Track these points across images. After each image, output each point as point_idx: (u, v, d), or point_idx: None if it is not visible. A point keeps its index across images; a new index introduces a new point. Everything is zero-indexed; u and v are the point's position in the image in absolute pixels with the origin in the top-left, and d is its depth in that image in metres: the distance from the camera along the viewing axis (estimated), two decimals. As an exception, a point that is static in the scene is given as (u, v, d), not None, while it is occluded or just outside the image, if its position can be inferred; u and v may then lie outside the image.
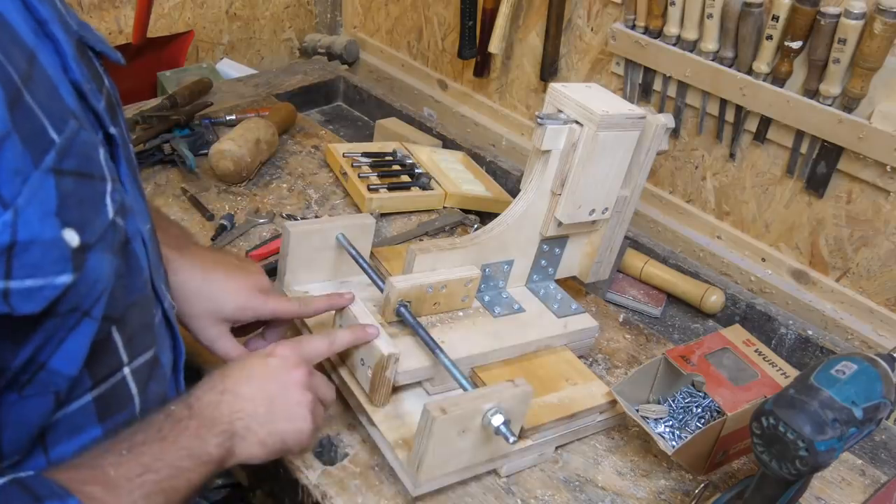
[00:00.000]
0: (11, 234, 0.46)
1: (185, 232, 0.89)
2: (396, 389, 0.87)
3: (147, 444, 0.61)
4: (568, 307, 1.01)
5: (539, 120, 0.90)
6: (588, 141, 0.90)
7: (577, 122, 0.91)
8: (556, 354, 0.97)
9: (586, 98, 0.91)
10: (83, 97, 0.57)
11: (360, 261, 0.95)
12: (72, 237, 0.50)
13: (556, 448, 0.90)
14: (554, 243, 1.01)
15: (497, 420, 0.74)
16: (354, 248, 0.96)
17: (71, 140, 0.51)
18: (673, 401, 0.95)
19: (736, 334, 1.01)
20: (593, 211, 0.96)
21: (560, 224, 0.96)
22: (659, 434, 0.88)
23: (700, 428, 0.88)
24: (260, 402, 0.70)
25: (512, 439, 0.73)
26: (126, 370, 0.64)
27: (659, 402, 0.95)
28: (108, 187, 0.56)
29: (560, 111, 0.92)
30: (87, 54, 0.64)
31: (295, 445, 0.74)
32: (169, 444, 0.63)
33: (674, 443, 0.90)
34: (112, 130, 0.62)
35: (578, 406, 0.89)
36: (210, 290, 0.81)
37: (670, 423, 0.93)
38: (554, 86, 0.93)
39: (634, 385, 0.93)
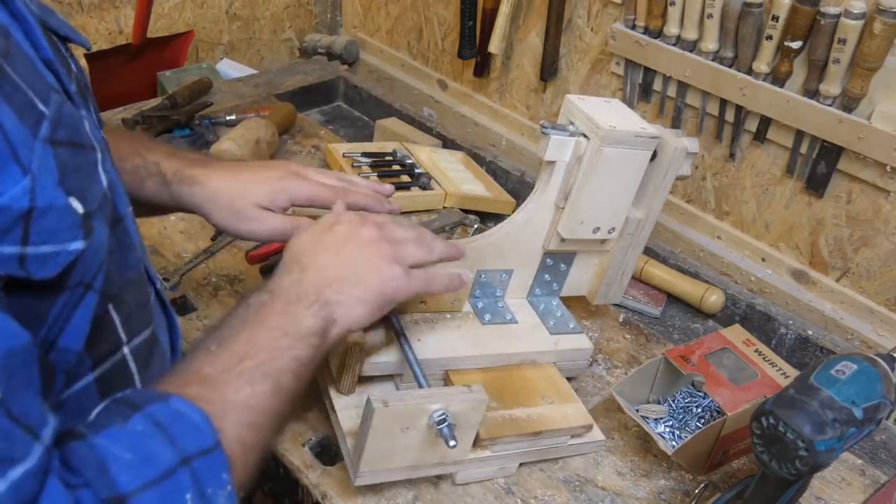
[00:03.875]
0: (30, 199, 0.47)
1: (198, 154, 0.91)
2: (368, 380, 0.86)
3: (235, 336, 0.61)
4: (565, 325, 0.97)
5: (543, 129, 0.88)
6: (592, 155, 0.87)
7: (584, 136, 0.88)
8: (540, 370, 0.93)
9: (598, 112, 0.88)
10: (56, 76, 0.57)
11: None
12: (77, 205, 0.51)
13: (521, 465, 0.87)
14: (559, 258, 0.98)
15: (441, 422, 0.73)
16: None
17: (59, 112, 0.51)
18: (673, 401, 0.95)
19: (736, 334, 1.01)
20: (598, 229, 0.93)
21: (563, 239, 0.94)
22: (659, 434, 0.88)
23: (700, 428, 0.88)
24: (341, 265, 0.70)
25: (452, 443, 0.71)
26: (125, 349, 0.64)
27: (659, 402, 0.95)
28: (99, 156, 0.56)
29: (571, 123, 0.89)
30: (52, 39, 0.64)
31: (396, 292, 0.73)
32: (258, 327, 0.62)
33: (674, 443, 0.90)
34: (82, 112, 0.60)
35: (546, 425, 0.85)
36: (242, 186, 0.83)
37: (670, 423, 0.93)
38: (570, 97, 0.90)
39: (634, 385, 0.93)
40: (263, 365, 0.60)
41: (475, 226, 1.27)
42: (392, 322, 0.86)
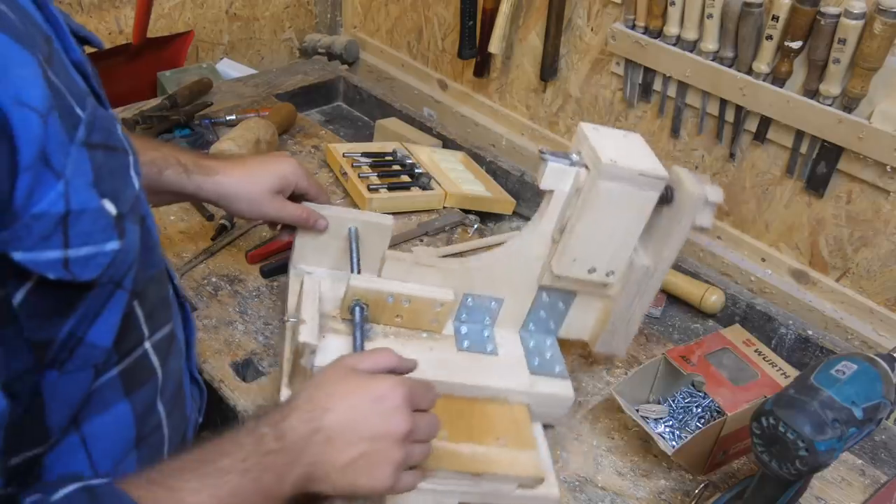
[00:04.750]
0: (65, 203, 0.48)
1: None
2: None
3: (229, 475, 0.59)
4: (550, 367, 0.90)
5: (541, 155, 0.83)
6: (590, 189, 0.81)
7: (586, 167, 0.82)
8: (507, 410, 0.86)
9: (605, 143, 0.82)
10: (86, 79, 0.58)
11: (353, 258, 0.94)
12: (110, 207, 0.52)
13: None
14: (556, 295, 0.92)
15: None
16: (356, 246, 0.96)
17: (94, 115, 0.52)
18: (673, 401, 0.95)
19: (736, 334, 1.01)
20: (593, 270, 0.86)
21: (555, 275, 0.87)
22: (659, 434, 0.88)
23: (700, 428, 0.89)
24: (349, 453, 0.65)
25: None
26: (147, 344, 0.65)
27: (659, 402, 0.95)
28: (131, 160, 0.57)
29: (578, 152, 0.83)
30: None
31: (365, 494, 0.70)
32: (250, 479, 0.60)
33: (674, 443, 0.90)
34: (111, 113, 0.62)
35: (489, 467, 0.79)
36: (257, 175, 0.91)
37: (670, 423, 0.93)
38: (583, 125, 0.84)
39: (634, 385, 0.93)
40: None
41: (475, 226, 1.27)
42: (355, 332, 0.84)
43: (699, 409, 0.93)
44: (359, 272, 0.93)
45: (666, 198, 0.83)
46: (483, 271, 0.90)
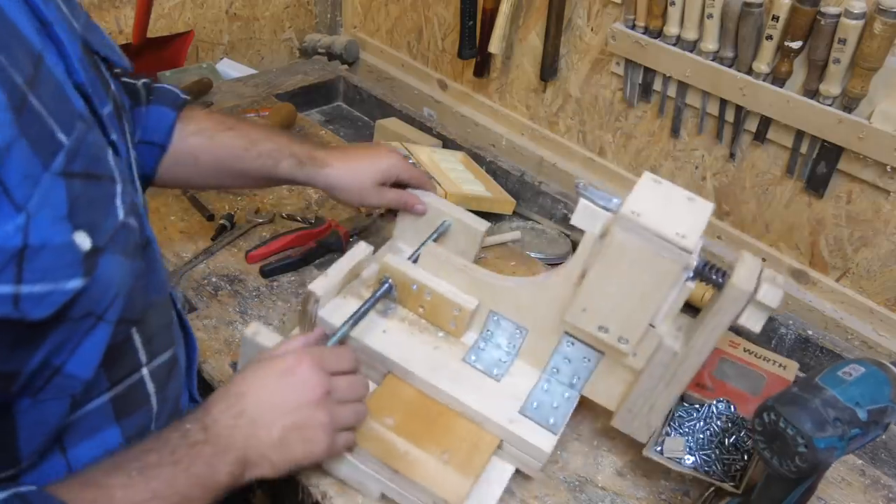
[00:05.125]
0: (23, 237, 0.46)
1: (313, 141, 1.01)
2: None
3: (160, 468, 0.60)
4: (544, 416, 0.85)
5: (577, 188, 0.79)
6: (607, 236, 0.76)
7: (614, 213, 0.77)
8: (476, 434, 0.84)
9: (646, 196, 0.77)
10: (88, 101, 0.57)
11: (420, 246, 0.96)
12: (83, 240, 0.50)
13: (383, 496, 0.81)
14: (582, 348, 0.86)
15: None
16: (434, 236, 0.99)
17: (80, 142, 0.51)
18: (680, 425, 0.92)
19: (720, 340, 1.01)
20: (605, 329, 0.80)
21: (566, 322, 0.83)
22: (694, 467, 0.86)
23: (712, 440, 0.89)
24: (277, 428, 0.68)
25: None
26: (144, 370, 0.64)
27: (668, 433, 0.91)
28: (118, 188, 0.55)
29: (622, 198, 0.78)
30: (93, 58, 0.64)
31: (308, 464, 0.72)
32: (181, 470, 0.61)
33: (706, 468, 0.88)
34: (113, 137, 0.61)
35: (410, 472, 0.78)
36: (363, 167, 0.96)
37: (690, 445, 0.90)
38: (646, 175, 0.80)
39: (658, 433, 0.89)
40: None
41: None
42: (367, 301, 0.87)
43: (702, 424, 0.92)
44: (415, 261, 0.95)
45: (709, 278, 0.77)
46: (511, 293, 0.88)
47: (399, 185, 1.01)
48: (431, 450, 0.80)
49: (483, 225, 1.01)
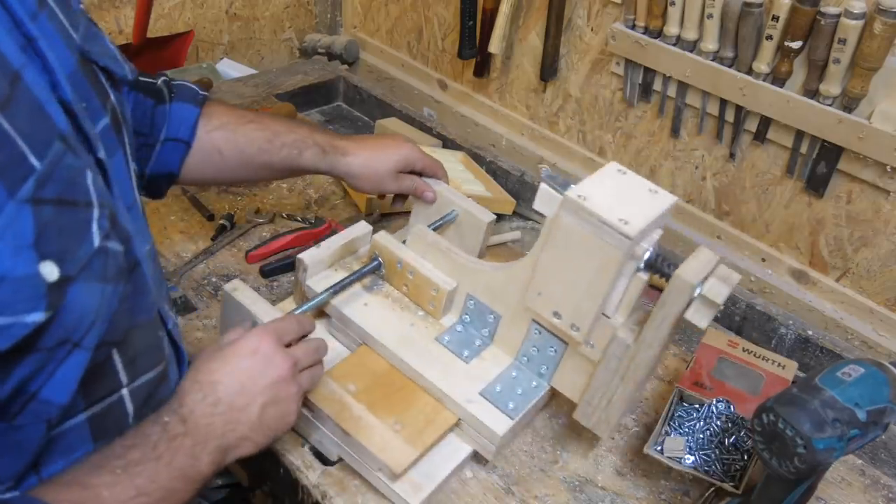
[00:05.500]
0: None
1: (330, 132, 1.02)
2: (323, 316, 0.95)
3: (142, 464, 0.61)
4: (504, 401, 0.85)
5: (542, 174, 0.83)
6: (554, 219, 0.77)
7: None
8: (434, 409, 0.86)
9: (601, 182, 0.77)
10: (73, 118, 0.55)
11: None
12: (50, 270, 0.48)
13: (339, 459, 0.85)
14: (547, 336, 0.86)
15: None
16: (439, 223, 1.01)
17: (54, 165, 0.49)
18: (679, 425, 0.92)
19: (718, 339, 1.02)
20: (558, 315, 0.81)
21: (525, 306, 0.84)
22: (693, 467, 0.87)
23: (712, 439, 0.89)
24: (255, 408, 0.69)
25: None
26: (124, 391, 0.64)
27: (668, 432, 0.92)
28: (95, 213, 0.53)
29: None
30: (91, 70, 0.63)
31: (284, 433, 0.75)
32: (164, 465, 0.62)
33: (706, 468, 0.88)
34: (101, 155, 0.59)
35: (359, 434, 0.80)
36: (382, 156, 0.99)
37: (690, 445, 0.90)
38: (612, 164, 0.80)
39: (658, 432, 0.90)
40: None
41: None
42: (350, 275, 0.92)
43: (702, 423, 0.92)
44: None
45: (661, 270, 0.76)
46: (486, 278, 0.89)
47: (414, 173, 1.04)
48: (385, 418, 0.83)
49: (488, 216, 1.02)
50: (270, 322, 0.77)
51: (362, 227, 0.99)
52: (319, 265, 0.94)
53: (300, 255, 0.93)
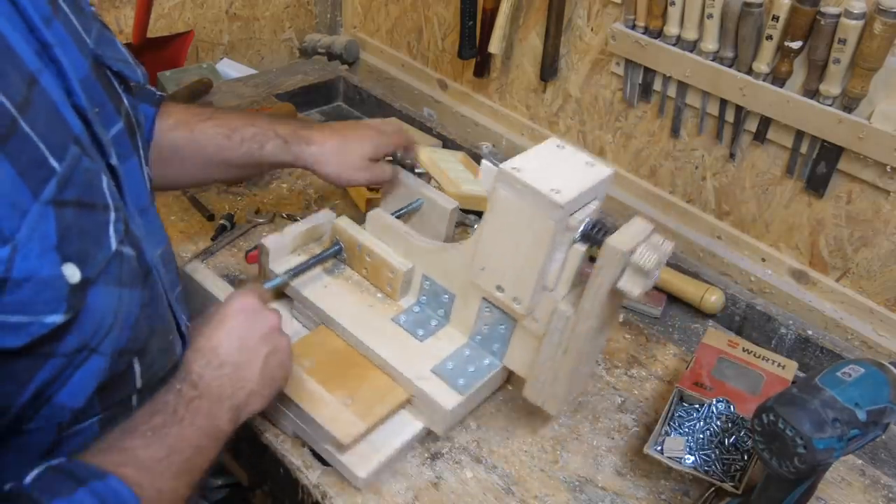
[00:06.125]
0: (5, 270, 0.45)
1: (302, 120, 1.00)
2: (283, 297, 0.99)
3: (167, 427, 0.63)
4: (455, 378, 0.87)
5: (483, 148, 0.82)
6: (491, 192, 0.79)
7: None
8: (385, 385, 0.88)
9: (538, 155, 0.79)
10: (87, 124, 0.55)
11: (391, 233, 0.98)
12: (72, 272, 0.49)
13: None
14: (497, 313, 0.87)
15: None
16: (404, 212, 1.02)
17: (73, 168, 0.49)
18: (679, 425, 0.92)
19: (718, 339, 1.02)
20: (501, 289, 0.82)
21: (471, 281, 0.86)
22: (693, 467, 0.87)
23: (712, 440, 0.89)
24: (256, 362, 0.72)
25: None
26: (135, 396, 0.64)
27: (668, 432, 0.92)
28: (112, 216, 0.54)
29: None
30: (104, 74, 0.63)
31: (285, 384, 0.78)
32: (187, 425, 0.64)
33: (706, 468, 0.88)
34: (113, 161, 0.59)
35: (311, 408, 0.82)
36: (351, 144, 0.94)
37: (690, 445, 0.90)
38: (552, 139, 0.82)
39: (658, 431, 0.90)
40: (188, 460, 0.63)
41: (475, 226, 1.27)
42: (311, 259, 0.96)
43: (702, 424, 0.92)
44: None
45: (595, 240, 0.77)
46: (439, 258, 0.91)
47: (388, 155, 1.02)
48: (337, 393, 0.85)
49: (451, 204, 1.03)
50: (248, 287, 0.79)
51: (326, 214, 1.01)
52: (282, 250, 0.98)
53: (263, 241, 0.96)
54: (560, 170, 0.78)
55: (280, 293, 0.98)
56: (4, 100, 0.45)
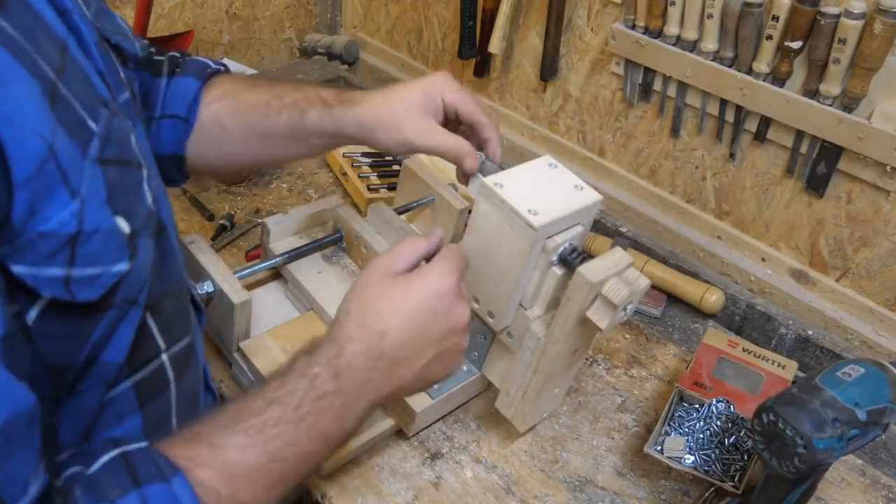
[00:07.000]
0: (78, 223, 0.47)
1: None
2: (279, 277, 1.01)
3: (281, 425, 0.55)
4: None
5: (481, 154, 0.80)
6: (475, 203, 0.77)
7: None
8: None
9: (524, 173, 0.77)
10: (108, 87, 0.57)
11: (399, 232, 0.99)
12: (124, 225, 0.51)
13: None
14: (477, 324, 0.86)
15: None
16: (413, 206, 1.03)
17: (108, 128, 0.51)
18: (679, 425, 0.92)
19: (718, 339, 1.02)
20: (476, 300, 0.82)
21: None
22: (693, 467, 0.87)
23: (712, 440, 0.89)
24: (418, 363, 0.62)
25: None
26: (164, 356, 0.63)
27: (668, 432, 0.92)
28: (145, 174, 0.55)
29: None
30: (104, 46, 0.64)
31: (439, 382, 0.69)
32: (305, 427, 0.56)
33: (706, 468, 0.88)
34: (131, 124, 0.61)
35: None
36: (398, 96, 0.79)
37: (690, 445, 0.90)
38: (546, 157, 0.81)
39: (658, 432, 0.90)
40: (289, 469, 0.56)
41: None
42: (308, 244, 0.98)
43: (702, 423, 0.92)
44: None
45: (571, 266, 0.75)
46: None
47: (455, 122, 0.83)
48: None
49: (461, 204, 1.02)
50: (448, 259, 0.66)
51: (333, 200, 1.03)
52: (285, 231, 1.00)
53: (265, 220, 0.99)
54: (545, 191, 0.76)
55: (276, 273, 1.01)
56: (45, 66, 0.46)
